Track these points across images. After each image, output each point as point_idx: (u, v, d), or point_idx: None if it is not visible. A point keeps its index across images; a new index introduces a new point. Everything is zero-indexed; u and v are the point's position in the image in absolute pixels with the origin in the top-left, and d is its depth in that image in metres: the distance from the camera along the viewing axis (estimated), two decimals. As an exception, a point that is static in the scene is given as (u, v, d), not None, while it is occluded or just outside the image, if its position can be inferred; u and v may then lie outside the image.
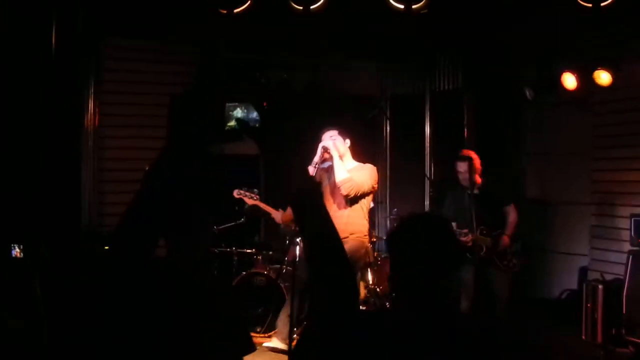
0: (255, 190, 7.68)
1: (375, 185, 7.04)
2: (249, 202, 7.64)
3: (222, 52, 9.27)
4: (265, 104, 2.11)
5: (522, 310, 7.42)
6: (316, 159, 6.67)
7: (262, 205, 7.64)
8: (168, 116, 1.86)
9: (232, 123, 1.95)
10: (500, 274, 7.35)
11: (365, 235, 6.96)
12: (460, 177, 7.45)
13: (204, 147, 2.34)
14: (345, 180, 6.68)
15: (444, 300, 2.46)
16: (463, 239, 7.10)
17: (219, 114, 1.99)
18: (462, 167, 7.40)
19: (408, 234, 2.57)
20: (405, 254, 2.50)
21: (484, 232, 7.30)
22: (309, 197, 2.09)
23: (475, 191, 7.35)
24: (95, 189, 8.28)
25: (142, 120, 8.44)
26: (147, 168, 2.00)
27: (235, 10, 6.48)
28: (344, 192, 6.69)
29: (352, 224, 6.80)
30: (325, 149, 6.74)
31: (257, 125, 2.01)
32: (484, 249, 7.28)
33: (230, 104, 2.06)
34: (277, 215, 7.56)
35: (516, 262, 7.39)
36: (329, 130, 6.92)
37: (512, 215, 7.47)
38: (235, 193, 7.63)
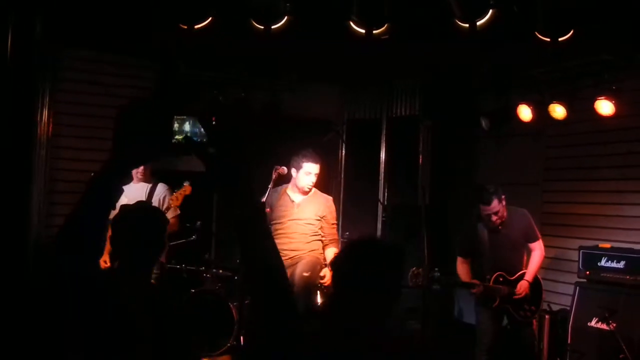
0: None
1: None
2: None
3: (182, 68, 9.24)
4: (213, 119, 2.09)
5: (470, 338, 7.41)
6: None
7: None
8: (113, 127, 1.82)
9: (180, 137, 1.93)
10: (522, 326, 7.01)
11: (322, 254, 7.05)
12: (486, 218, 6.82)
13: (150, 160, 2.31)
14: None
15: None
16: (473, 291, 6.77)
17: (167, 126, 1.96)
18: (494, 208, 6.74)
19: (356, 259, 2.46)
20: (350, 281, 2.41)
21: (501, 279, 6.85)
22: (253, 221, 2.04)
23: (497, 226, 6.89)
24: (46, 199, 8.16)
25: (98, 132, 8.37)
26: (92, 175, 1.98)
27: (196, 27, 6.45)
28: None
29: (311, 242, 7.10)
30: (277, 170, 6.93)
31: (203, 140, 1.99)
32: (497, 300, 6.81)
33: (178, 117, 2.03)
34: None
35: (535, 309, 6.99)
36: (310, 161, 7.04)
37: (536, 254, 7.00)
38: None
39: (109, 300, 1.77)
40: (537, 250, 7.05)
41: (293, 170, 7.08)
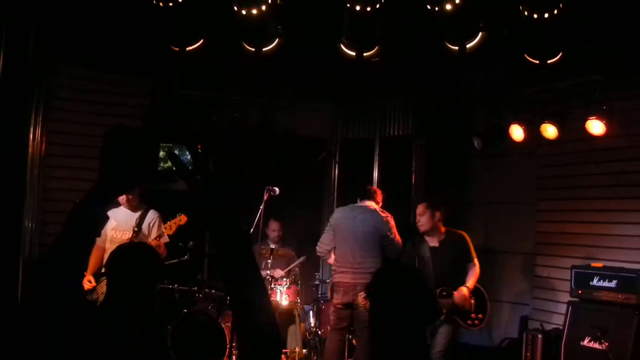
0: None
1: None
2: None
3: (176, 88, 9.25)
4: (199, 147, 2.10)
5: (464, 357, 7.42)
6: None
7: None
8: (100, 149, 1.83)
9: (168, 163, 1.94)
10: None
11: None
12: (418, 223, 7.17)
13: (134, 187, 2.33)
14: None
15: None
16: None
17: (153, 152, 1.97)
18: (418, 211, 7.19)
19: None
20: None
21: (444, 293, 6.94)
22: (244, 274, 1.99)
23: (435, 244, 7.16)
24: (39, 218, 8.14)
25: (91, 151, 8.34)
26: (77, 201, 1.98)
27: (188, 48, 6.47)
28: None
29: None
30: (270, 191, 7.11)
31: (189, 167, 2.00)
32: (444, 312, 6.93)
33: (164, 144, 2.05)
34: None
35: (482, 317, 7.13)
36: None
37: (474, 268, 7.16)
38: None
39: (91, 328, 1.77)
40: (475, 266, 7.20)
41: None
